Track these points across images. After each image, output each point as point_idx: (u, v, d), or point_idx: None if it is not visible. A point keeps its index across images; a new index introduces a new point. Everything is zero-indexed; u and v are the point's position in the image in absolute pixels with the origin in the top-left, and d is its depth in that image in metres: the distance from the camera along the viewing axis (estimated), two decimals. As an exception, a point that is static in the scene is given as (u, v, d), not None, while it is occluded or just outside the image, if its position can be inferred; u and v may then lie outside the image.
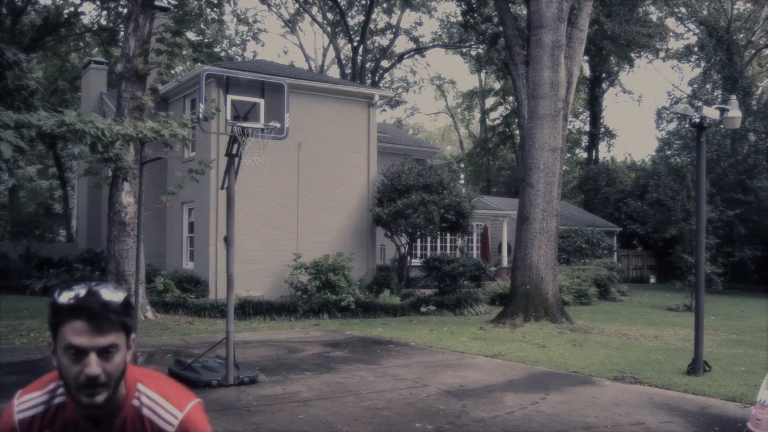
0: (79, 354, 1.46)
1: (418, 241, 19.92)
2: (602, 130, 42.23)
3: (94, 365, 1.45)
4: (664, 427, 6.00)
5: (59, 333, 1.48)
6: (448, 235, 20.67)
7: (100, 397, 1.47)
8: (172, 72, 14.30)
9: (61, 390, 1.61)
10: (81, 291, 1.46)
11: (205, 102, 8.88)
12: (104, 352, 1.47)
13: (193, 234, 17.53)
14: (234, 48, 38.41)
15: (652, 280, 31.22)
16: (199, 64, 23.99)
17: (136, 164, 12.12)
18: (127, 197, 13.28)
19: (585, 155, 43.84)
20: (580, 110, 43.63)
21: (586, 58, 33.54)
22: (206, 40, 33.89)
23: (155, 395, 1.62)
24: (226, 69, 11.54)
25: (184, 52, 14.21)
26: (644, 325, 14.70)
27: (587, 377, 8.31)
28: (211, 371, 7.43)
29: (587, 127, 42.77)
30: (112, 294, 1.48)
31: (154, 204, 13.50)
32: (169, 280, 15.34)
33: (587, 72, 38.51)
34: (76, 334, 1.45)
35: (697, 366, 8.46)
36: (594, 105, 40.65)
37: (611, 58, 36.46)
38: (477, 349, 10.32)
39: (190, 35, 30.96)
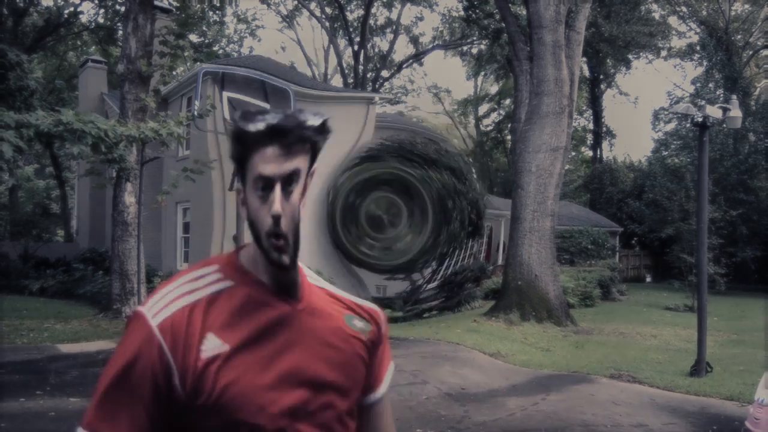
0: (266, 189, 1.21)
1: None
2: (604, 129, 42.14)
3: (277, 201, 1.19)
4: (666, 428, 6.00)
5: (248, 167, 1.22)
6: (469, 240, 16.98)
7: (286, 257, 1.22)
8: (174, 73, 14.26)
9: (215, 276, 1.28)
10: (274, 115, 1.21)
11: (200, 99, 8.88)
12: (287, 183, 1.21)
13: (188, 234, 17.35)
14: (231, 45, 38.20)
15: (648, 279, 31.20)
16: (198, 64, 23.95)
17: (137, 164, 12.14)
18: (129, 197, 13.27)
19: (590, 153, 43.67)
20: (584, 108, 43.39)
21: (584, 59, 33.50)
22: (207, 41, 33.79)
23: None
24: (223, 66, 11.45)
25: (186, 54, 14.18)
26: (644, 324, 14.70)
27: (585, 376, 8.36)
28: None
29: (591, 125, 42.64)
30: (311, 116, 1.23)
31: (150, 204, 13.46)
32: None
33: (586, 72, 38.46)
34: (265, 162, 1.20)
35: (699, 367, 8.42)
36: (595, 104, 40.57)
37: (608, 60, 36.41)
38: (472, 342, 10.37)
39: (192, 37, 30.88)
